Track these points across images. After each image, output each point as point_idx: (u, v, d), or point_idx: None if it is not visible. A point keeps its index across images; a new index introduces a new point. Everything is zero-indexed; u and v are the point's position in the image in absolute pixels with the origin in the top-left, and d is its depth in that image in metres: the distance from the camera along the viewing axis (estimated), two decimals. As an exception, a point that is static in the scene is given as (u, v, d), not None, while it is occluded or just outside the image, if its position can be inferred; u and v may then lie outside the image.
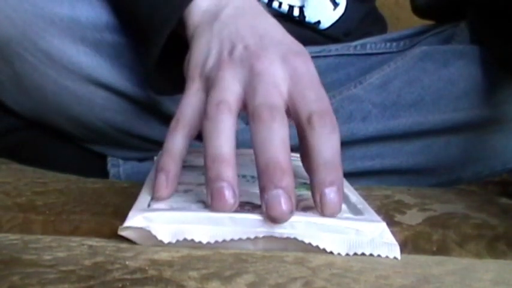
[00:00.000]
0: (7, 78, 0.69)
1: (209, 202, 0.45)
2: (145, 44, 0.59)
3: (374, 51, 0.81)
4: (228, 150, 0.45)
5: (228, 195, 0.44)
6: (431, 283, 0.40)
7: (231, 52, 0.50)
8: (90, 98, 0.68)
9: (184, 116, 0.49)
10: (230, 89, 0.47)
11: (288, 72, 0.48)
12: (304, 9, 0.85)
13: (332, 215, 0.45)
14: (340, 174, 0.45)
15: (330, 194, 0.45)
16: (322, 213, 0.45)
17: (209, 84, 0.49)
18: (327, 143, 0.45)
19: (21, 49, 0.65)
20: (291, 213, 0.43)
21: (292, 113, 0.47)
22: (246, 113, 0.47)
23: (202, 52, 0.52)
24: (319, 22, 0.86)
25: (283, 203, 0.43)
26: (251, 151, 0.60)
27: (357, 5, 0.89)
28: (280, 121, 0.45)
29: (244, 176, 0.55)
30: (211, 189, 0.44)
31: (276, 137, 0.44)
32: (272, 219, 0.43)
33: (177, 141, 0.49)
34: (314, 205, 0.45)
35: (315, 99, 0.47)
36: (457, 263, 0.46)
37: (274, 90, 0.47)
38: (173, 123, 0.50)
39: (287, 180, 0.43)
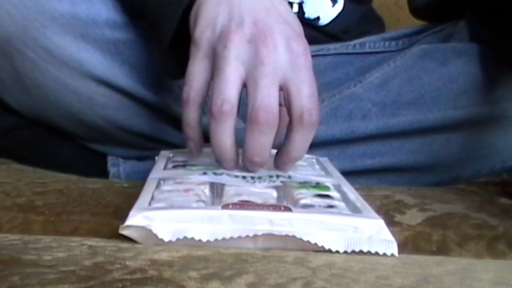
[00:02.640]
0: (7, 75, 0.69)
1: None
2: (160, 22, 0.60)
3: (373, 50, 0.81)
4: (229, 144, 0.54)
5: (232, 167, 0.57)
6: (431, 283, 0.40)
7: (239, 25, 0.53)
8: (91, 95, 0.68)
9: (194, 89, 0.55)
10: (233, 79, 0.52)
11: (289, 59, 0.53)
12: (304, 5, 0.85)
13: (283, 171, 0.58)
14: (304, 155, 0.56)
15: (289, 166, 0.57)
16: (276, 168, 0.58)
17: (215, 56, 0.53)
18: (306, 137, 0.54)
19: (22, 46, 0.64)
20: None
21: (285, 102, 0.53)
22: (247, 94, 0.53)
23: (210, 16, 0.55)
24: (318, 18, 0.86)
25: (257, 170, 0.57)
26: None
27: (353, 5, 0.89)
28: (273, 126, 0.52)
29: (244, 177, 0.55)
30: (221, 166, 0.57)
31: (266, 140, 0.53)
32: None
33: (192, 113, 0.56)
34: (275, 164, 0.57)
35: (309, 94, 0.53)
36: (456, 263, 0.46)
37: (273, 85, 0.52)
38: (185, 95, 0.55)
39: (262, 167, 0.57)
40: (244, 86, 0.53)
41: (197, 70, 0.55)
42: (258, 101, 0.52)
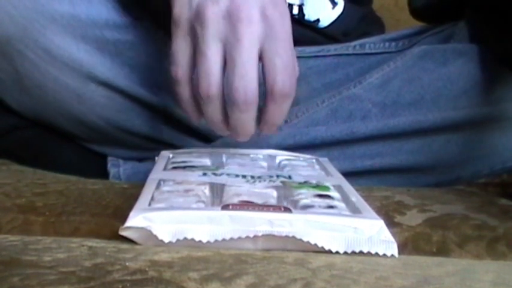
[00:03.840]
0: (8, 76, 0.69)
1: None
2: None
3: (373, 51, 0.81)
4: (219, 119, 0.57)
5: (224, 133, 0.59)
6: (431, 284, 0.40)
7: (214, 1, 0.54)
8: (91, 96, 0.68)
9: (181, 66, 0.57)
10: (214, 60, 0.54)
11: (264, 29, 0.54)
12: (304, 7, 0.85)
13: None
14: (281, 122, 0.59)
15: (270, 130, 0.59)
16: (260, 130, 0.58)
17: (195, 35, 0.55)
18: (279, 108, 0.56)
19: (22, 46, 0.64)
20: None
21: (262, 71, 0.55)
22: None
23: None
24: (318, 20, 0.86)
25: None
26: (251, 151, 0.61)
27: (354, 7, 0.89)
28: (251, 103, 0.54)
29: (244, 176, 0.55)
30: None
31: (246, 117, 0.55)
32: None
33: (185, 90, 0.58)
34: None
35: (282, 67, 0.55)
36: (456, 264, 0.46)
37: (250, 62, 0.54)
38: (173, 74, 0.57)
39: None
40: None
41: (181, 48, 0.56)
42: (235, 82, 0.54)
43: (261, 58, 0.55)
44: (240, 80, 0.53)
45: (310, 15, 0.86)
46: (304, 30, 0.86)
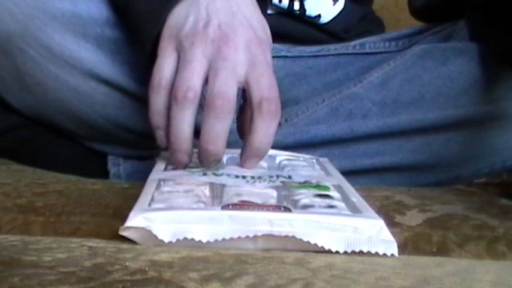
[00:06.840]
0: (8, 74, 0.69)
1: (172, 163, 0.58)
2: (143, 27, 0.60)
3: (373, 50, 0.81)
4: (187, 132, 0.56)
5: (186, 160, 0.57)
6: (431, 284, 0.40)
7: (206, 26, 0.56)
8: (91, 94, 0.68)
9: (165, 77, 0.56)
10: (198, 71, 0.55)
11: (248, 58, 0.56)
12: (305, 2, 0.85)
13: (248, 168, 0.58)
14: (267, 150, 0.57)
15: (253, 161, 0.58)
16: (241, 165, 0.58)
17: (182, 51, 0.56)
18: (267, 127, 0.55)
19: (23, 44, 0.65)
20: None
21: (246, 94, 0.56)
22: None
23: (181, 15, 0.57)
24: (319, 16, 0.86)
25: (212, 164, 0.57)
26: None
27: (354, 5, 0.89)
28: (228, 113, 0.54)
29: (244, 177, 0.55)
30: (174, 157, 0.57)
31: (221, 126, 0.55)
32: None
33: (163, 100, 0.57)
34: (240, 161, 0.59)
35: (267, 86, 0.55)
36: (457, 264, 0.46)
37: (232, 78, 0.55)
38: (156, 82, 0.57)
39: (217, 161, 0.57)
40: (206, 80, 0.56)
41: (167, 61, 0.57)
42: (216, 88, 0.54)
43: (244, 86, 0.56)
44: (221, 87, 0.54)
45: (311, 10, 0.85)
46: (305, 27, 0.86)
